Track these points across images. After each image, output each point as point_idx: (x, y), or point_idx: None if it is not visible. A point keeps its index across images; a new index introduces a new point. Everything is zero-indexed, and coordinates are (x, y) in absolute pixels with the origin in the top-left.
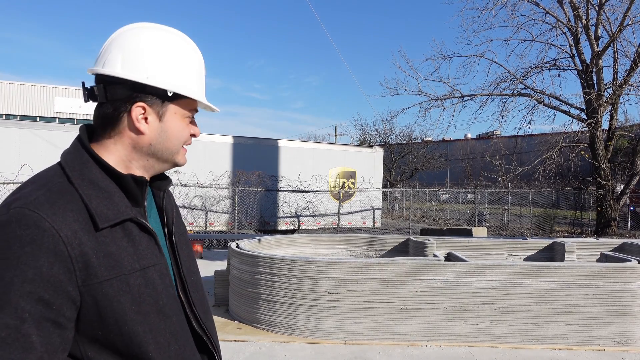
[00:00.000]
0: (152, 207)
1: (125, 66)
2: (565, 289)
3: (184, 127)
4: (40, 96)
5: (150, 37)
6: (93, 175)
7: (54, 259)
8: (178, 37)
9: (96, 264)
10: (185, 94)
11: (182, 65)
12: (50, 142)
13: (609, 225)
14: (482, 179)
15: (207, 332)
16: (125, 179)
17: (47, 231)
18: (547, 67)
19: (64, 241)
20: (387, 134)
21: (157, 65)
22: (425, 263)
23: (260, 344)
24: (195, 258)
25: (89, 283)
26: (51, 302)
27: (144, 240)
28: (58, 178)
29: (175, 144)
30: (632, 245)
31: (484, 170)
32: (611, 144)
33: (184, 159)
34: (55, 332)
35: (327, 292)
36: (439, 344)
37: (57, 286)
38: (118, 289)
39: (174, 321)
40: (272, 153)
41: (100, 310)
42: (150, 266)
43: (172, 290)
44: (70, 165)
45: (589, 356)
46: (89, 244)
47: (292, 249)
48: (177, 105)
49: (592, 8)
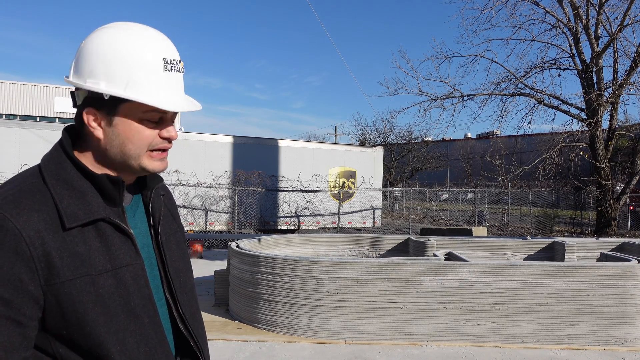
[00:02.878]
0: (138, 207)
1: (74, 71)
2: (565, 289)
3: (142, 130)
4: (40, 96)
5: (98, 39)
6: (68, 175)
7: (15, 259)
8: (131, 35)
9: (59, 264)
10: (122, 96)
11: (127, 64)
12: (50, 142)
13: (609, 225)
14: (482, 179)
15: (192, 334)
16: (99, 178)
17: (10, 231)
18: (547, 66)
19: (27, 241)
20: (387, 133)
21: (98, 68)
22: (426, 263)
23: (260, 344)
24: (189, 259)
25: (51, 283)
26: (11, 300)
27: (118, 240)
28: (32, 178)
29: (133, 149)
30: (632, 245)
31: (484, 170)
32: (611, 144)
33: (153, 164)
34: (15, 331)
35: (327, 292)
36: (439, 344)
37: (18, 285)
38: (81, 289)
39: (145, 322)
40: (272, 153)
41: (62, 309)
42: (123, 266)
43: (147, 291)
44: (46, 166)
45: (589, 356)
46: (54, 244)
47: (292, 249)
48: (129, 108)
49: (592, 7)
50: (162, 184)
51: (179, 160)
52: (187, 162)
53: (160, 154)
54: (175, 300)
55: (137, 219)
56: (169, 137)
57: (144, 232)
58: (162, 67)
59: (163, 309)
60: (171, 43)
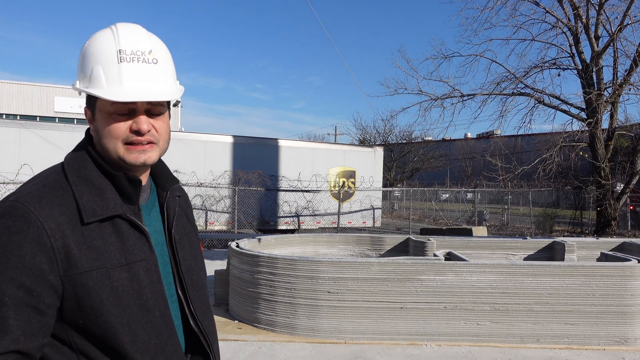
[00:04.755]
0: (154, 206)
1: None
2: (565, 289)
3: (112, 124)
4: (40, 96)
5: (89, 40)
6: (88, 173)
7: (37, 249)
8: (100, 33)
9: (77, 256)
10: (83, 91)
11: (89, 60)
12: (50, 142)
13: (609, 225)
14: (482, 179)
15: (203, 331)
16: (117, 177)
17: (33, 223)
18: (547, 66)
19: (48, 233)
20: (387, 133)
21: (78, 68)
22: (425, 262)
23: (260, 344)
24: (202, 258)
25: (69, 273)
26: (32, 288)
27: (133, 236)
28: (56, 175)
29: (109, 142)
30: (632, 245)
31: (484, 169)
32: (611, 144)
33: (129, 157)
34: (34, 318)
35: (327, 292)
36: (439, 344)
37: (39, 275)
38: (97, 280)
39: (156, 316)
40: (272, 152)
41: (79, 299)
42: (137, 261)
43: (159, 287)
44: (69, 164)
45: (589, 356)
46: (73, 237)
47: (292, 249)
48: (100, 103)
49: (592, 7)
50: (178, 186)
51: (179, 160)
52: (187, 162)
53: (139, 147)
54: (187, 298)
55: (153, 217)
56: (137, 130)
57: (159, 231)
58: (117, 58)
59: (174, 305)
60: (140, 34)
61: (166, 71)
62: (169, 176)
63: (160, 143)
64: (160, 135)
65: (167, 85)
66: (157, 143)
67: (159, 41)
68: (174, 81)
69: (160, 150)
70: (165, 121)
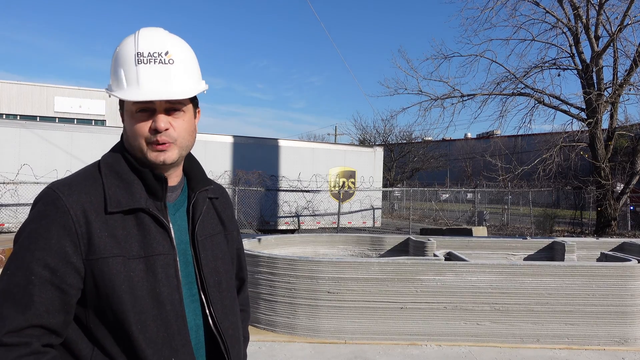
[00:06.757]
0: (182, 206)
1: None
2: (566, 289)
3: (135, 124)
4: (40, 96)
5: (118, 45)
6: (120, 168)
7: (63, 233)
8: (125, 38)
9: (97, 242)
10: (111, 93)
11: (115, 63)
12: (50, 142)
13: (609, 225)
14: (482, 179)
15: (221, 334)
16: (144, 173)
17: (61, 208)
18: (547, 66)
19: (73, 219)
20: (387, 133)
21: (111, 70)
22: (425, 262)
23: (260, 344)
24: (231, 261)
25: (89, 258)
26: (56, 269)
27: (154, 230)
28: (92, 168)
29: (134, 141)
30: (632, 245)
31: (484, 169)
32: (611, 144)
33: (151, 155)
34: (57, 296)
35: (327, 292)
36: (439, 344)
37: (63, 256)
38: (113, 268)
39: (167, 310)
40: (272, 153)
41: (96, 283)
42: (155, 255)
43: (175, 282)
44: (104, 159)
45: (589, 356)
46: (96, 224)
47: (292, 249)
48: (126, 104)
49: (592, 7)
50: (212, 188)
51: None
52: None
53: (159, 146)
54: (207, 298)
55: (178, 216)
56: (155, 129)
57: (183, 230)
58: (135, 61)
59: (195, 304)
60: (157, 37)
61: (184, 71)
62: (201, 178)
63: (178, 141)
64: (179, 133)
65: (183, 84)
66: (174, 142)
67: (178, 42)
68: (195, 80)
69: (179, 149)
70: (185, 119)
